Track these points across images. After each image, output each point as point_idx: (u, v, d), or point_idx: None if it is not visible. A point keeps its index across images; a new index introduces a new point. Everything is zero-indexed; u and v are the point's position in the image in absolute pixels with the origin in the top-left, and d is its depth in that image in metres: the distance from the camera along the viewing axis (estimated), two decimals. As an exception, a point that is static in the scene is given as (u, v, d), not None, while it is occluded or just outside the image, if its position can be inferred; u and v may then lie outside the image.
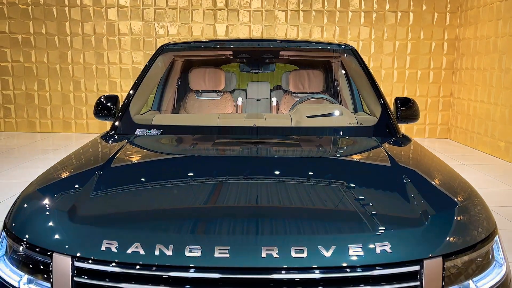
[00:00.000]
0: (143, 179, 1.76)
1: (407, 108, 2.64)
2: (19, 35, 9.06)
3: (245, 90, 4.14)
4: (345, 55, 3.09)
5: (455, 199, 1.52)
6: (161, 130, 2.40)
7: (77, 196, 1.50)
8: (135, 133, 2.37)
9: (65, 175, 1.78)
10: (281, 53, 3.21)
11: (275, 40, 3.56)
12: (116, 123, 2.48)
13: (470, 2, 8.47)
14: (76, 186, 1.59)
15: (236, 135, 2.41)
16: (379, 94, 2.64)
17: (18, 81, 9.22)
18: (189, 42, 3.23)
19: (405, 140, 2.37)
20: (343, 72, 3.33)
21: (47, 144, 8.17)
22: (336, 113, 2.63)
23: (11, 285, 1.33)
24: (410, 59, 9.03)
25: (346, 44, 3.04)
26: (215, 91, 3.55)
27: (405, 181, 1.63)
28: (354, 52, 2.96)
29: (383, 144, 2.20)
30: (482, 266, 1.36)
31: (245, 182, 1.73)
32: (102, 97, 2.69)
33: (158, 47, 9.81)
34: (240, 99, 3.71)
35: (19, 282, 1.32)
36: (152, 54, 9.81)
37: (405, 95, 8.98)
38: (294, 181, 1.74)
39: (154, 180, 1.78)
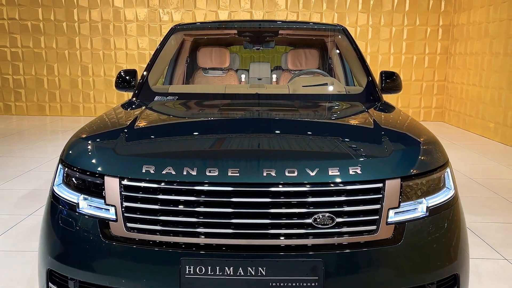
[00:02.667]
0: (167, 127, 2.19)
1: (391, 81, 3.02)
2: (28, 22, 9.39)
3: (247, 70, 4.49)
4: (337, 34, 3.45)
5: (417, 142, 1.90)
6: (177, 97, 2.78)
7: (115, 142, 1.87)
8: (154, 99, 2.75)
9: (97, 132, 2.12)
10: (280, 31, 3.58)
11: (275, 21, 3.92)
12: (137, 92, 2.85)
13: (464, -11, 8.78)
14: (111, 139, 1.95)
15: (241, 100, 2.80)
16: (365, 67, 3.02)
17: (28, 66, 9.58)
18: (198, 23, 3.60)
19: (387, 105, 2.74)
20: (335, 49, 3.69)
21: (56, 126, 8.53)
22: (328, 83, 3.02)
23: (72, 202, 1.71)
24: (406, 45, 9.35)
25: (338, 24, 3.41)
26: (221, 69, 3.91)
27: (381, 131, 2.01)
28: (345, 31, 3.34)
29: (368, 109, 2.57)
30: (434, 189, 1.74)
31: (250, 124, 2.19)
32: (122, 71, 3.05)
33: (162, 33, 10.00)
34: (243, 76, 4.08)
35: (77, 198, 1.70)
36: (157, 39, 9.96)
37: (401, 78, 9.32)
38: (289, 126, 2.20)
39: (177, 127, 2.23)
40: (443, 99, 9.57)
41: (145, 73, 3.00)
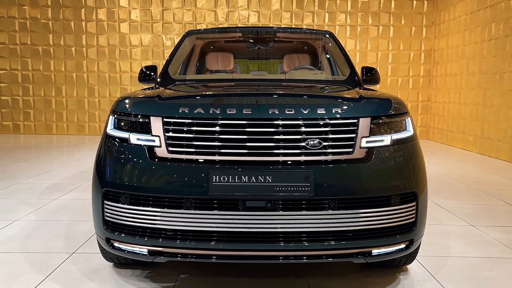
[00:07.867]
0: (192, 88, 2.83)
1: (371, 75, 3.63)
2: (39, 47, 10.05)
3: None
4: (326, 38, 4.09)
5: (385, 98, 2.47)
6: (193, 81, 3.38)
7: (154, 97, 2.42)
8: (175, 84, 3.33)
9: (136, 96, 2.64)
10: (277, 34, 4.22)
11: (272, 27, 4.57)
12: (159, 79, 3.42)
13: (442, 16, 9.60)
14: (150, 96, 2.50)
15: (247, 82, 3.41)
16: (349, 62, 3.64)
17: (37, 88, 10.17)
18: (207, 29, 4.23)
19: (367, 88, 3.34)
20: (325, 50, 4.32)
21: (62, 143, 9.01)
22: (319, 73, 3.64)
23: (124, 137, 2.25)
24: (391, 68, 10.10)
25: (326, 30, 4.06)
26: (225, 71, 4.50)
27: (360, 92, 2.60)
28: (332, 36, 3.98)
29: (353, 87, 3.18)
30: (397, 129, 2.30)
31: (259, 83, 2.86)
32: (144, 67, 3.63)
33: (165, 57, 10.68)
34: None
35: (129, 135, 2.24)
36: (160, 63, 10.59)
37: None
38: (288, 86, 2.81)
39: (200, 87, 2.93)
40: (427, 118, 10.24)
41: (167, 62, 3.61)
